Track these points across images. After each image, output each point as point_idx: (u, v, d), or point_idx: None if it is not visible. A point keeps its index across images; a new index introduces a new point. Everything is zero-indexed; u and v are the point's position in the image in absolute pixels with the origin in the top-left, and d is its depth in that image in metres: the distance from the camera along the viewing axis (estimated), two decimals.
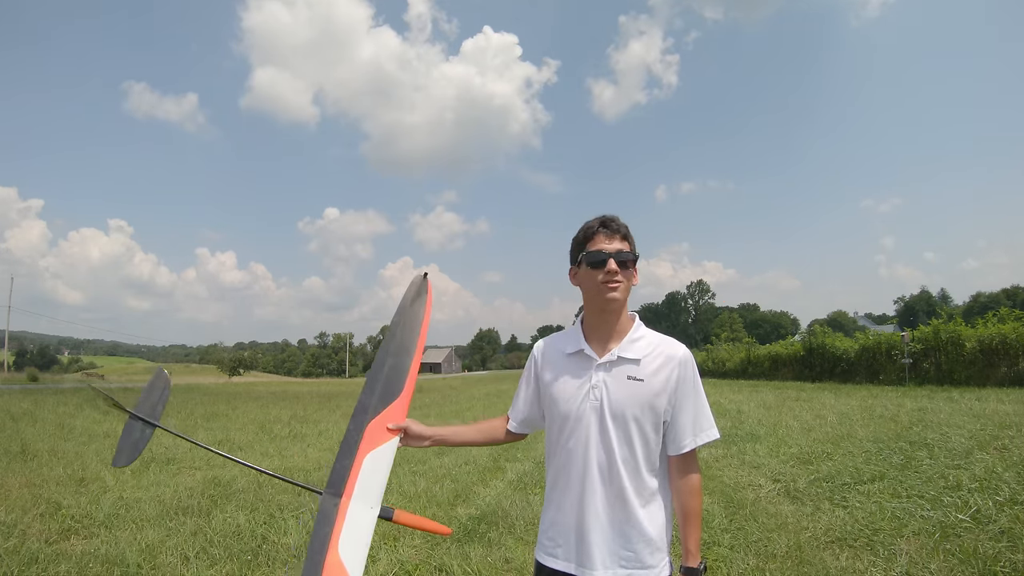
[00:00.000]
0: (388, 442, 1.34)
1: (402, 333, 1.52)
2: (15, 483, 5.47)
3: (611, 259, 1.35)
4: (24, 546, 3.63)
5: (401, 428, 1.42)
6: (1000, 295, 62.80)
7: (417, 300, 1.58)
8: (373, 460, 1.30)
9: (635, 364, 1.37)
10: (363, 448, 1.31)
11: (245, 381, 42.99)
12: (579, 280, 1.43)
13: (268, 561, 3.50)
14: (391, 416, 1.38)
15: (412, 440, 1.46)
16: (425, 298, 1.58)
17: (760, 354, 26.32)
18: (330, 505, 1.22)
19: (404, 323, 1.53)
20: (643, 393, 1.34)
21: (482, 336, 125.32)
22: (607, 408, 1.35)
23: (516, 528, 4.08)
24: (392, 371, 1.44)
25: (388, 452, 1.34)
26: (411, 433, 1.45)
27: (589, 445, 1.35)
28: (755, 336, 37.66)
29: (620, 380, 1.36)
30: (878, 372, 18.44)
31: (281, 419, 12.16)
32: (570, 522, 1.36)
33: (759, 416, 9.82)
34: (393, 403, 1.39)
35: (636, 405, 1.34)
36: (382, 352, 1.48)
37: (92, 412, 12.71)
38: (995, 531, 3.52)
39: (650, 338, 1.41)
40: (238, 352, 69.42)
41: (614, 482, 1.33)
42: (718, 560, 3.44)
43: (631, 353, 1.37)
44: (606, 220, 1.41)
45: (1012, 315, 16.31)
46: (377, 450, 1.32)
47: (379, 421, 1.36)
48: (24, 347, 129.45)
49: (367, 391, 1.41)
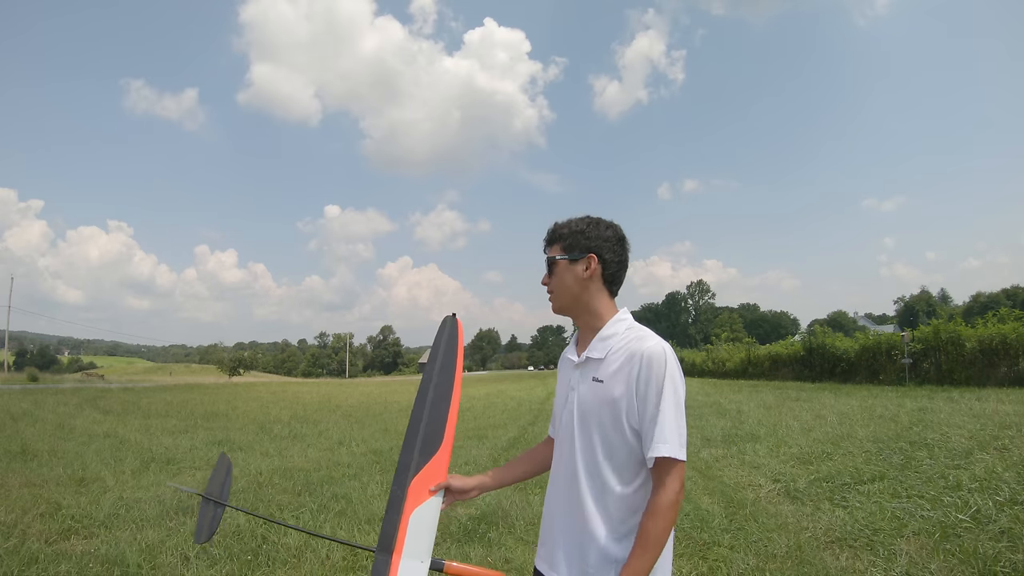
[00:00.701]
0: (431, 499, 1.37)
1: (437, 382, 1.47)
2: (15, 483, 5.48)
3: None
4: (24, 546, 3.64)
5: (442, 487, 1.38)
6: (1000, 295, 62.84)
7: (449, 344, 1.53)
8: (419, 516, 1.33)
9: (599, 364, 1.29)
10: (408, 506, 1.33)
11: (245, 381, 43.01)
12: None
13: (268, 561, 3.50)
14: (433, 471, 1.37)
15: (456, 496, 1.43)
16: (457, 341, 1.54)
17: (760, 354, 26.36)
18: (382, 563, 1.27)
19: (438, 371, 1.49)
20: (602, 394, 1.26)
21: (482, 336, 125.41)
22: (576, 411, 1.31)
23: (516, 528, 4.09)
24: (430, 424, 1.42)
25: (433, 508, 1.36)
26: (453, 489, 1.41)
27: (564, 450, 1.33)
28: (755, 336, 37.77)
29: (587, 382, 1.30)
30: (878, 372, 18.44)
31: (281, 419, 12.17)
32: (546, 524, 1.36)
33: (759, 416, 9.82)
34: (434, 457, 1.38)
35: (596, 407, 1.26)
36: (419, 403, 1.45)
37: (92, 412, 12.73)
38: (995, 531, 3.52)
39: (625, 335, 1.29)
40: (238, 352, 69.37)
41: (574, 488, 1.28)
42: (718, 560, 3.45)
43: (596, 352, 1.30)
44: (548, 230, 1.40)
45: (1012, 315, 16.34)
46: (422, 507, 1.34)
47: (421, 478, 1.36)
48: (24, 347, 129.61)
49: (407, 447, 1.39)
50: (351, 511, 4.64)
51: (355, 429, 10.40)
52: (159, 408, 13.96)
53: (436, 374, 1.48)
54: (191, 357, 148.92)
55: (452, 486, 1.41)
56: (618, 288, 1.38)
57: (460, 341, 1.54)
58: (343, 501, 4.95)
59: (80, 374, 53.29)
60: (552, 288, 1.37)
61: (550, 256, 1.36)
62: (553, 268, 1.36)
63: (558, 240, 1.36)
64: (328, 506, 4.81)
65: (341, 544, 3.74)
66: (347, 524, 4.26)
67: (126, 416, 12.11)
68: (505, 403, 16.22)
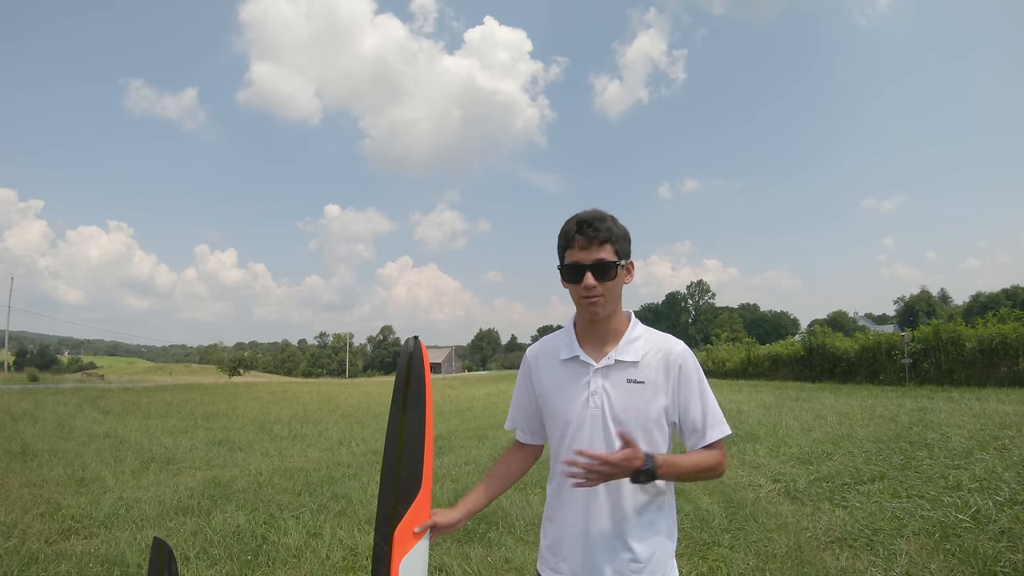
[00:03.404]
0: (418, 544, 1.30)
1: (408, 422, 1.33)
2: (15, 483, 5.48)
3: (588, 272, 1.24)
4: (24, 546, 3.64)
5: (427, 527, 1.31)
6: (1000, 295, 62.86)
7: (415, 373, 1.35)
8: (408, 564, 1.27)
9: (634, 367, 1.29)
10: (395, 557, 1.27)
11: (245, 381, 42.97)
12: (567, 288, 1.33)
13: (268, 561, 3.50)
14: (415, 517, 1.30)
15: (443, 531, 1.37)
16: (423, 368, 1.35)
17: (760, 354, 26.36)
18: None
19: (408, 406, 1.33)
20: (645, 395, 1.28)
21: (482, 336, 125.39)
22: (609, 415, 1.28)
23: (516, 528, 4.08)
24: (406, 469, 1.31)
25: (421, 553, 1.31)
26: (440, 526, 1.35)
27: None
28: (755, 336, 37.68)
29: (620, 384, 1.29)
30: (878, 372, 18.43)
31: (281, 419, 12.17)
32: (576, 536, 1.29)
33: (759, 416, 9.81)
34: (414, 502, 1.30)
35: (640, 409, 1.27)
36: (390, 448, 1.33)
37: (92, 412, 12.72)
38: (995, 531, 3.52)
39: (648, 337, 1.33)
40: (238, 352, 69.35)
41: (620, 494, 1.27)
42: (718, 560, 3.44)
43: (629, 355, 1.29)
44: (583, 223, 1.26)
45: (1012, 315, 16.33)
46: (410, 554, 1.28)
47: (404, 525, 1.29)
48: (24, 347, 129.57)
49: (384, 496, 1.30)
50: (351, 511, 4.64)
51: (355, 429, 10.40)
52: (159, 408, 13.95)
53: (407, 410, 1.33)
54: (191, 357, 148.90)
55: (438, 523, 1.34)
56: None
57: (426, 366, 1.36)
58: (343, 501, 4.95)
59: (80, 374, 53.25)
60: (605, 293, 1.27)
61: (604, 259, 1.25)
62: (608, 272, 1.25)
63: (612, 241, 1.27)
64: (328, 506, 4.81)
65: (346, 536, 3.75)
66: (347, 524, 4.26)
67: (126, 416, 12.10)
68: (505, 403, 16.20)
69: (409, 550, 1.28)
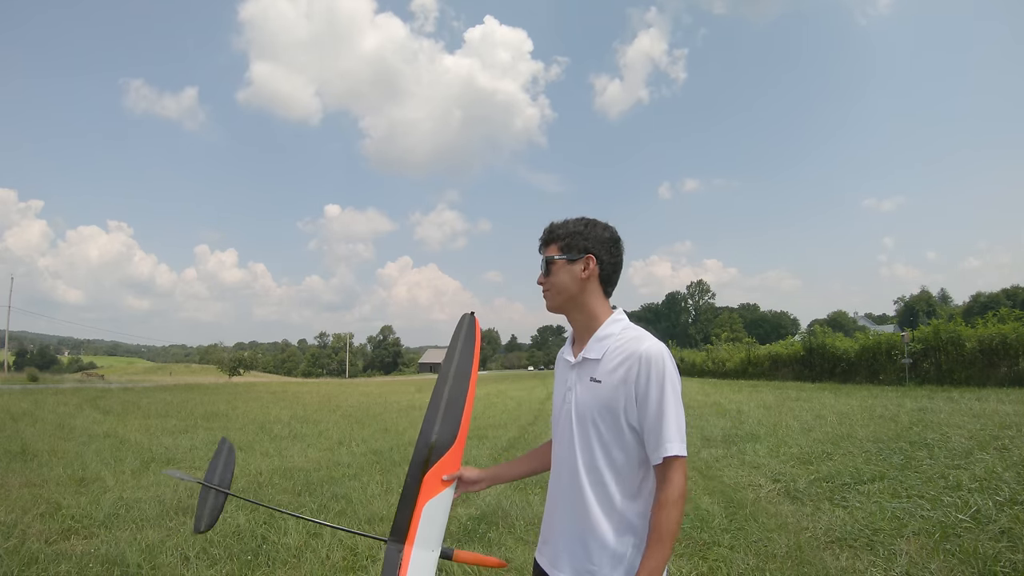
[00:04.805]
0: (444, 491, 1.42)
1: (453, 379, 1.51)
2: (15, 483, 5.48)
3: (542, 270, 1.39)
4: (24, 546, 3.64)
5: (455, 477, 1.45)
6: (1000, 295, 62.81)
7: (466, 343, 1.56)
8: (431, 508, 1.38)
9: (595, 364, 1.31)
10: (421, 498, 1.38)
11: (245, 381, 42.98)
12: None
13: (268, 561, 3.50)
14: (446, 465, 1.43)
15: (467, 486, 1.50)
16: (474, 340, 1.58)
17: (760, 354, 26.36)
18: (394, 552, 1.34)
19: (454, 369, 1.52)
20: (600, 394, 1.28)
21: (482, 336, 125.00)
22: (574, 411, 1.33)
23: (516, 528, 4.09)
24: (445, 421, 1.46)
25: (445, 500, 1.42)
26: (465, 480, 1.49)
27: (563, 450, 1.35)
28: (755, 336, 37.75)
29: (584, 382, 1.32)
30: (878, 372, 18.45)
31: (281, 419, 12.16)
32: (549, 523, 1.39)
33: (759, 416, 9.82)
34: (447, 452, 1.43)
35: (594, 407, 1.28)
36: (435, 400, 1.48)
37: (92, 412, 12.72)
38: (995, 531, 3.52)
39: (621, 335, 1.31)
40: (238, 352, 69.31)
41: (576, 487, 1.30)
42: (718, 560, 3.45)
43: (593, 353, 1.32)
44: (544, 230, 1.41)
45: (1012, 315, 16.34)
46: (434, 499, 1.39)
47: (435, 472, 1.41)
48: (24, 347, 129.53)
49: (422, 441, 1.44)
50: (351, 511, 4.64)
51: (355, 429, 10.40)
52: (159, 408, 13.95)
53: (453, 371, 1.52)
54: (191, 357, 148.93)
55: (464, 477, 1.47)
56: (612, 289, 1.40)
57: (477, 340, 1.58)
58: (343, 501, 4.95)
59: (80, 374, 53.22)
60: (548, 287, 1.38)
61: (547, 256, 1.38)
62: (550, 267, 1.37)
63: (555, 240, 1.38)
64: (328, 506, 4.81)
65: (346, 537, 3.75)
66: (347, 524, 4.26)
67: (126, 416, 12.10)
68: (505, 403, 16.20)
69: (434, 495, 1.40)
